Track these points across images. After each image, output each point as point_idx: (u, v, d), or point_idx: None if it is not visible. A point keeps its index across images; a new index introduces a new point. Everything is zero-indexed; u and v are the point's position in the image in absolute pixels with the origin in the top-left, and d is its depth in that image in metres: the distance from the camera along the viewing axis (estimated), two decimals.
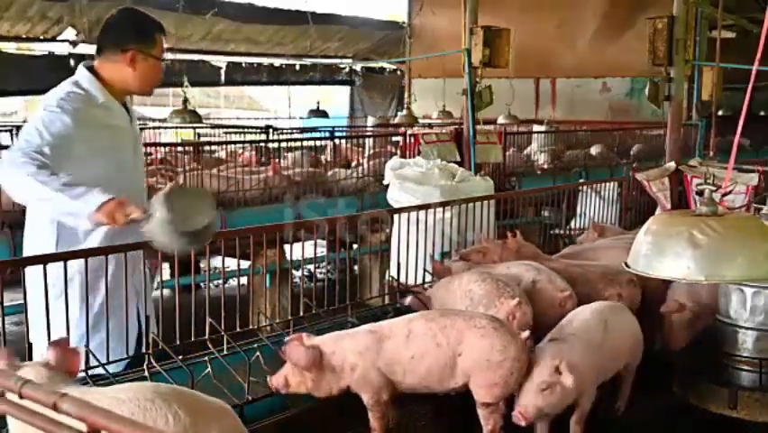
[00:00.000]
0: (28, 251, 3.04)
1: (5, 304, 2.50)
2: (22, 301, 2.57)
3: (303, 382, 2.46)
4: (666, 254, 1.85)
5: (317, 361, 2.44)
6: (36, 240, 3.02)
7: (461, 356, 2.41)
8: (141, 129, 11.56)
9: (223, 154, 8.35)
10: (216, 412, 1.80)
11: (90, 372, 2.52)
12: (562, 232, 5.09)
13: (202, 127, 10.52)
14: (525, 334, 2.46)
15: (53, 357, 1.91)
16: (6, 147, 7.86)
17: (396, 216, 4.26)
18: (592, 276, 3.32)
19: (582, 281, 3.29)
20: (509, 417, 2.45)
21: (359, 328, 2.63)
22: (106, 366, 2.60)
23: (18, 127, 9.37)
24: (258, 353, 2.68)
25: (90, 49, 12.14)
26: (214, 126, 11.54)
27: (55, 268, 2.55)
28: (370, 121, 13.04)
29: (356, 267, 4.16)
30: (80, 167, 2.79)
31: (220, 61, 14.78)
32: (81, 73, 3.07)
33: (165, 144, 8.64)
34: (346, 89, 17.77)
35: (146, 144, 9.48)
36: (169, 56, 12.78)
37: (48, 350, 1.97)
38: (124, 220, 2.55)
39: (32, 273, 2.51)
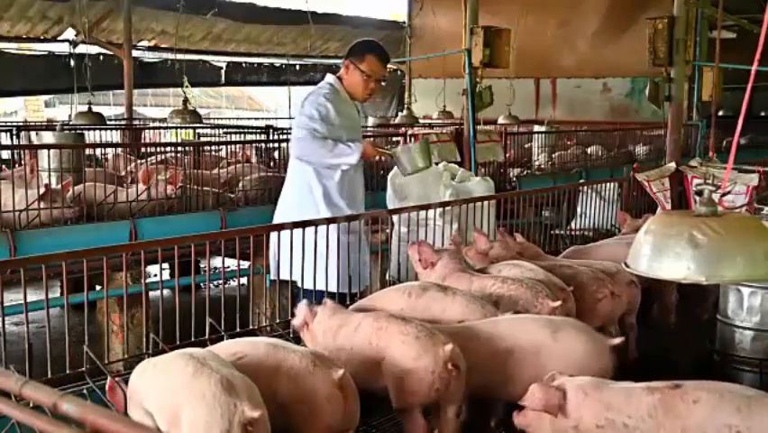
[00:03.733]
0: (294, 208, 4.15)
1: (5, 304, 2.51)
2: (21, 301, 2.57)
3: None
4: (666, 255, 1.85)
5: (308, 320, 2.68)
6: (301, 196, 4.18)
7: (384, 360, 2.43)
8: (141, 129, 11.62)
9: (223, 154, 8.34)
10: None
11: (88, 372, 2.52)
12: (562, 232, 5.08)
13: (202, 127, 10.50)
14: (449, 347, 2.38)
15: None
16: (6, 147, 7.85)
17: (396, 217, 4.26)
18: (584, 277, 3.30)
19: (573, 282, 3.27)
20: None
21: (350, 312, 2.70)
22: (106, 366, 2.60)
23: (18, 127, 9.37)
24: None
25: (90, 49, 12.17)
26: (214, 126, 11.51)
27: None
28: (371, 121, 13.03)
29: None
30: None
31: (220, 61, 14.76)
32: (331, 77, 4.25)
33: (165, 144, 8.62)
34: None
35: (146, 144, 9.51)
36: (169, 56, 12.83)
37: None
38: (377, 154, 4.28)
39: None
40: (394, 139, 8.83)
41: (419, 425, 2.43)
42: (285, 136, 9.11)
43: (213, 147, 8.60)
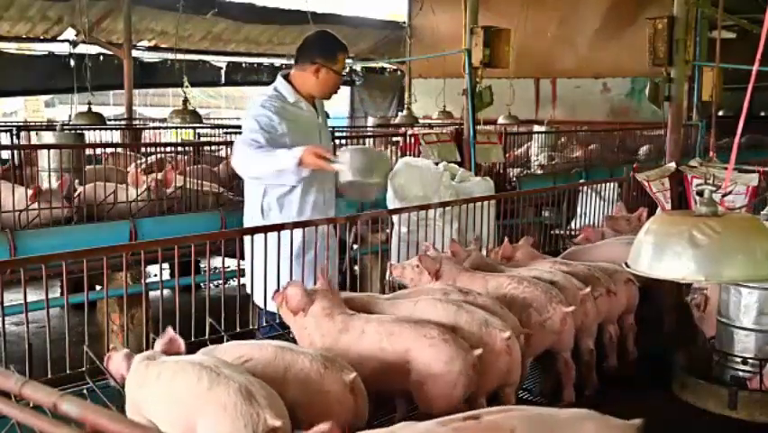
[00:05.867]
0: (246, 221, 3.94)
1: (5, 304, 2.51)
2: (21, 301, 2.57)
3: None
4: (666, 254, 1.85)
5: (306, 305, 2.55)
6: (250, 212, 3.94)
7: (408, 364, 2.37)
8: (141, 129, 11.63)
9: (223, 154, 8.35)
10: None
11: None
12: (562, 232, 5.09)
13: (202, 127, 10.51)
14: (478, 351, 2.35)
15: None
16: (6, 147, 7.86)
17: (396, 217, 4.26)
18: (580, 275, 3.29)
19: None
20: None
21: (349, 316, 2.57)
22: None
23: (18, 127, 9.38)
24: None
25: (90, 49, 12.19)
26: (214, 126, 11.53)
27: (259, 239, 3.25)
28: (371, 121, 13.03)
29: (356, 267, 4.16)
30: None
31: (220, 61, 14.78)
32: (278, 80, 3.97)
33: (165, 144, 8.63)
34: (346, 89, 17.77)
35: (146, 144, 9.51)
36: (169, 56, 12.84)
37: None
38: (323, 162, 3.57)
39: (249, 241, 3.38)
40: (394, 139, 8.84)
41: None
42: None
43: (213, 147, 8.60)
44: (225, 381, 1.93)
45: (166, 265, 5.90)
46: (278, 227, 3.24)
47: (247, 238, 3.38)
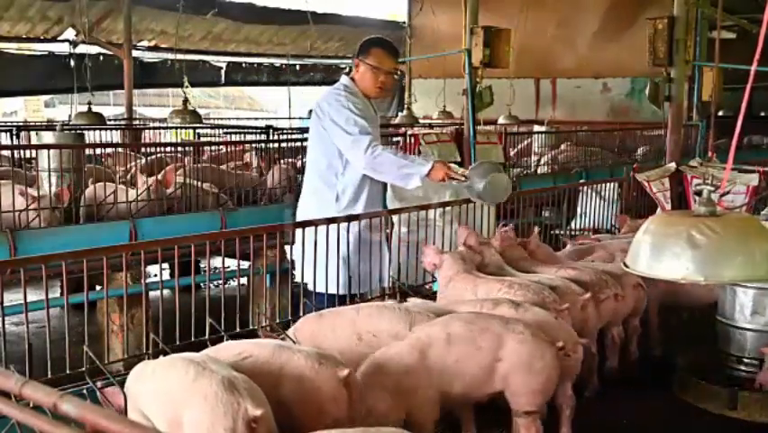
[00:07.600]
0: (307, 210, 4.01)
1: (5, 304, 2.51)
2: (21, 301, 2.57)
3: None
4: (665, 255, 1.85)
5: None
6: (321, 199, 4.02)
7: (500, 362, 2.39)
8: (141, 129, 11.62)
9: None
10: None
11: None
12: (562, 232, 5.09)
13: (202, 127, 10.49)
14: (560, 343, 2.43)
15: None
16: (6, 147, 7.84)
17: (396, 217, 4.26)
18: (587, 277, 3.29)
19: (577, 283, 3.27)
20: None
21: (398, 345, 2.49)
22: (106, 366, 2.60)
23: (18, 127, 9.37)
24: None
25: (90, 49, 12.17)
26: (214, 126, 11.52)
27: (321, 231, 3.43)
28: None
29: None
30: None
31: (220, 61, 14.76)
32: (345, 78, 4.17)
33: (165, 144, 8.62)
34: None
35: (146, 144, 9.50)
36: (169, 56, 12.82)
37: None
38: (451, 176, 3.76)
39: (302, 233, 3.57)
40: (394, 139, 8.83)
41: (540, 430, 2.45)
42: (285, 136, 9.13)
43: (213, 147, 8.59)
44: (209, 373, 2.00)
45: (166, 265, 5.90)
46: (278, 227, 3.26)
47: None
